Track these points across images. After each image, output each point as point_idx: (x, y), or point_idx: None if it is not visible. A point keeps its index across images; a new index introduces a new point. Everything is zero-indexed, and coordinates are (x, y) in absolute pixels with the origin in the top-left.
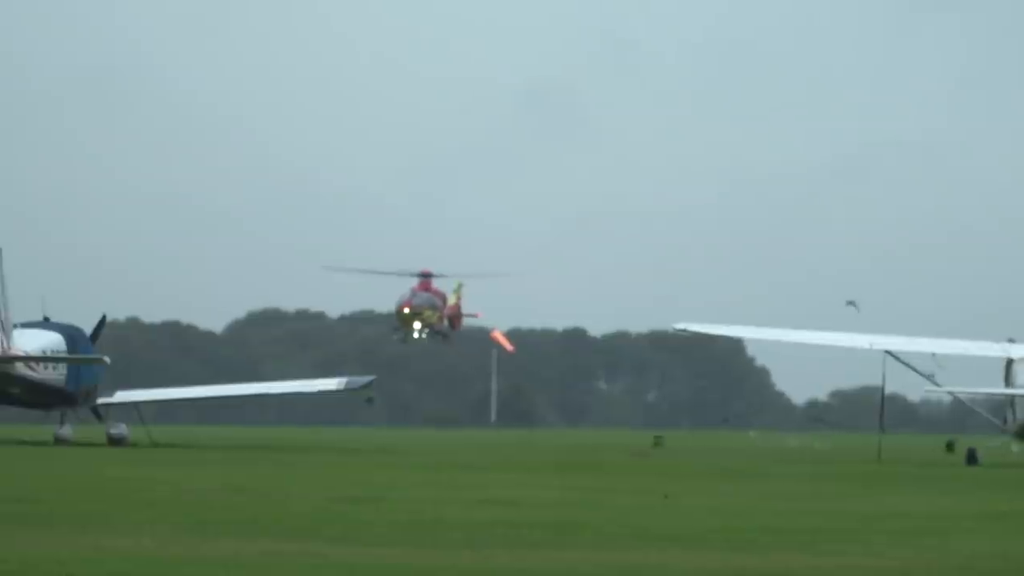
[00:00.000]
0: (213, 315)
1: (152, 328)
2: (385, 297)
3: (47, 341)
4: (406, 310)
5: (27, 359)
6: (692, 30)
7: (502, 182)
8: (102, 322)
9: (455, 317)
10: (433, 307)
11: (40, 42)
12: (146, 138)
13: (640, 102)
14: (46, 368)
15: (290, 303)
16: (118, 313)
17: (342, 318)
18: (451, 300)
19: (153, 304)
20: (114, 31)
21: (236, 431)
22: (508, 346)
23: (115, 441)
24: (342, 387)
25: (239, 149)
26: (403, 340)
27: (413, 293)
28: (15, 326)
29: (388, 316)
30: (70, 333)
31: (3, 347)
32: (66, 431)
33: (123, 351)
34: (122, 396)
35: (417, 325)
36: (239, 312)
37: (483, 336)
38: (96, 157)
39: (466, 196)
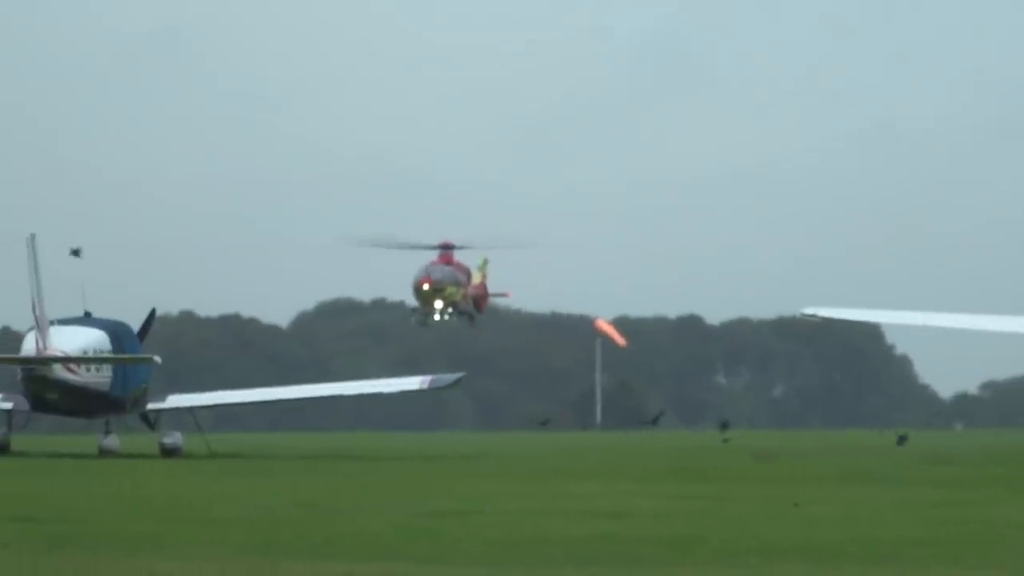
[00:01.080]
0: (277, 307)
1: (208, 323)
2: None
3: (89, 339)
4: (425, 286)
5: (66, 360)
6: None
7: (604, 146)
8: (151, 317)
9: (481, 297)
10: (456, 283)
11: (81, 19)
12: (201, 116)
13: (766, 53)
14: (88, 370)
15: (365, 292)
16: (170, 306)
17: None
18: (476, 277)
19: (209, 296)
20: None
21: (305, 438)
22: (619, 338)
23: (168, 452)
24: (425, 387)
25: (303, 125)
26: (422, 322)
27: (433, 267)
28: (52, 323)
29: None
30: (115, 330)
31: (39, 347)
32: (112, 441)
33: (176, 349)
34: (175, 401)
35: (439, 304)
36: (307, 303)
37: (585, 326)
38: (142, 135)
39: (570, 164)
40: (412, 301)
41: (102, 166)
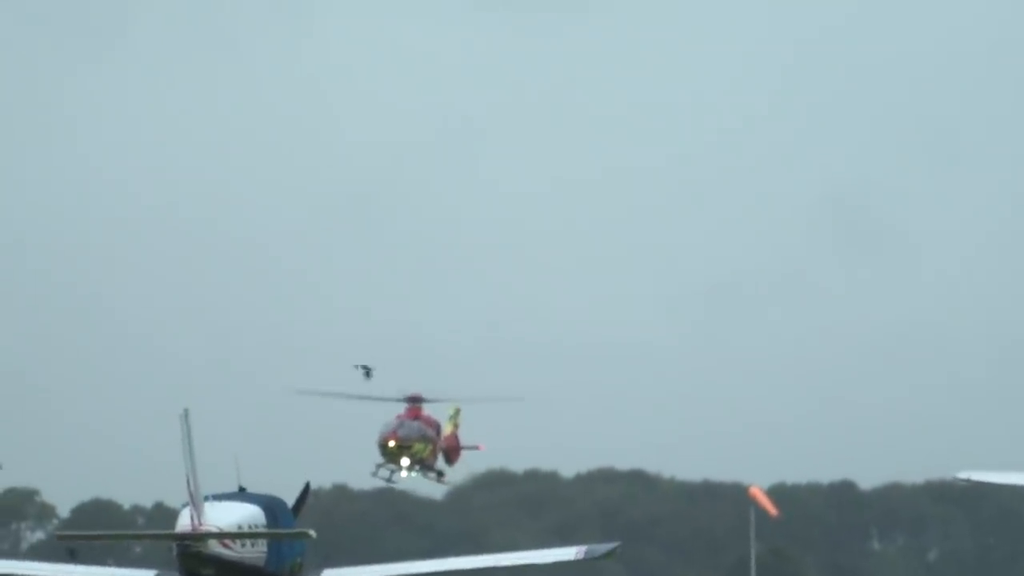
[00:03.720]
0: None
1: (362, 496)
2: (617, 450)
3: (244, 514)
4: (391, 443)
5: (221, 536)
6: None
7: (761, 308)
8: (306, 491)
9: (452, 449)
10: (424, 439)
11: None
12: (366, 269)
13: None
14: (243, 545)
15: (519, 463)
16: (323, 480)
17: (578, 477)
18: (447, 429)
19: (362, 468)
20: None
21: None
22: (771, 508)
23: None
24: (581, 556)
25: (467, 288)
26: (388, 480)
27: (399, 422)
28: (206, 498)
29: (629, 474)
30: (269, 504)
31: (194, 523)
32: None
33: (330, 523)
34: (331, 575)
35: (405, 461)
36: (461, 475)
37: (739, 494)
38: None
39: (727, 327)
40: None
41: (259, 333)
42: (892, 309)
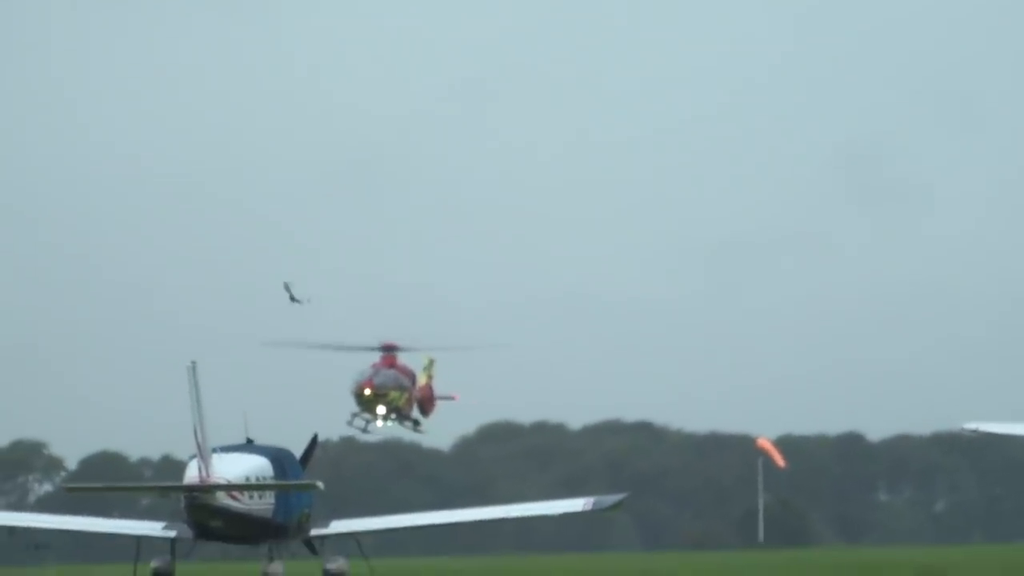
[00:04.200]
0: (439, 431)
1: (369, 448)
2: (625, 403)
3: (251, 466)
4: (367, 391)
5: (229, 487)
6: None
7: (783, 266)
8: (313, 442)
9: (427, 400)
10: (400, 387)
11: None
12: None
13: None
14: (251, 497)
15: (525, 415)
16: (331, 432)
17: (585, 429)
18: (421, 380)
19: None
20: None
21: (469, 561)
22: (779, 459)
23: None
24: (588, 508)
25: (487, 243)
26: (364, 429)
27: (375, 371)
28: (214, 450)
29: (636, 426)
30: (277, 456)
31: (202, 475)
32: (276, 568)
33: (338, 475)
34: (338, 526)
35: (381, 410)
36: (468, 427)
37: (746, 446)
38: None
39: (748, 283)
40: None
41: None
42: (902, 264)
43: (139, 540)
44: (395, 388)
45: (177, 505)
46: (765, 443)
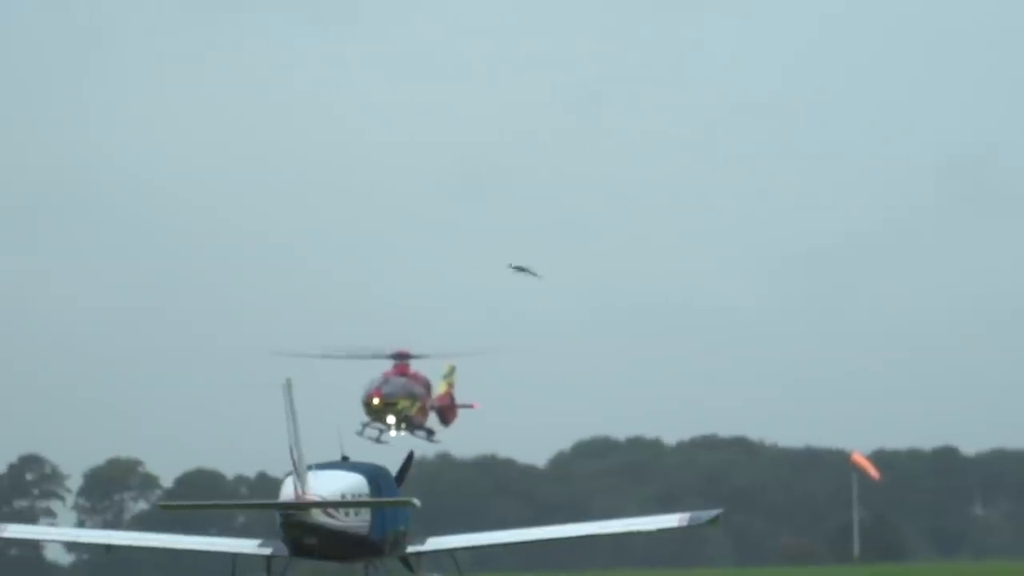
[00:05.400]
0: (534, 447)
1: (465, 465)
2: (720, 418)
3: (347, 483)
4: (375, 401)
5: (325, 505)
6: None
7: (878, 277)
8: (409, 460)
9: (447, 408)
10: (411, 396)
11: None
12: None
13: None
14: (347, 514)
15: (621, 431)
16: (426, 449)
17: (680, 445)
18: (441, 388)
19: (465, 437)
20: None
21: None
22: (873, 471)
23: None
24: (684, 524)
25: (586, 255)
26: (377, 439)
27: (384, 379)
28: (309, 467)
29: (732, 441)
30: (373, 474)
31: (297, 492)
32: None
33: (433, 491)
34: (434, 543)
35: (391, 419)
36: (564, 443)
37: (841, 460)
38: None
39: (838, 296)
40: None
41: (356, 301)
42: (999, 276)
43: (235, 558)
44: (405, 397)
45: (273, 523)
46: (859, 458)
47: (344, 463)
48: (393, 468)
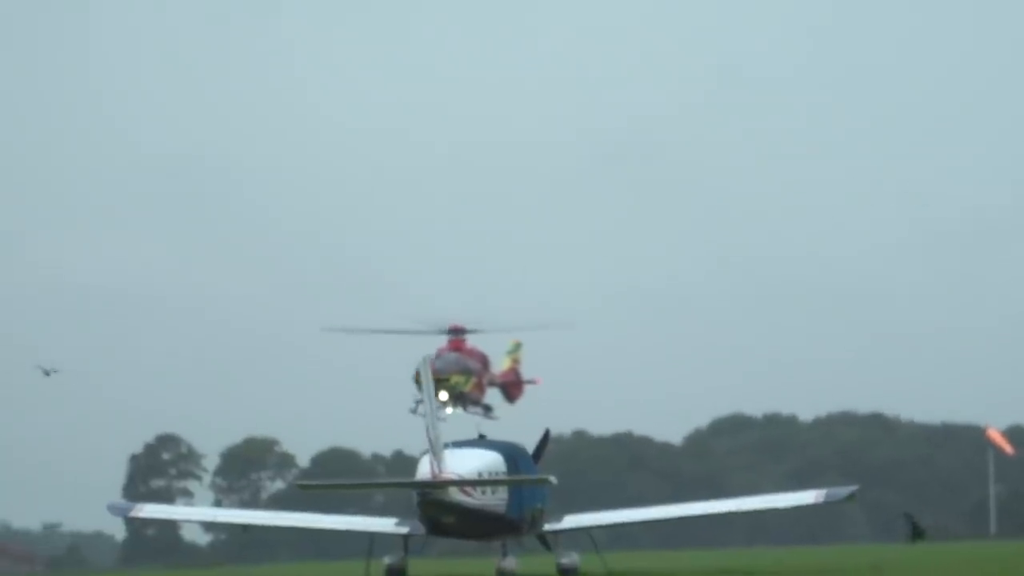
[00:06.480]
0: (670, 424)
1: (601, 442)
2: (856, 394)
3: (484, 462)
4: None
5: (462, 483)
6: None
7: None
8: (546, 437)
9: (511, 384)
10: (464, 371)
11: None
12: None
13: None
14: (484, 492)
15: (756, 407)
16: (563, 426)
17: (817, 421)
18: (505, 364)
19: (601, 414)
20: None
21: (701, 555)
22: (1007, 447)
23: (566, 572)
24: (820, 500)
25: (718, 236)
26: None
27: (437, 354)
28: (446, 445)
29: (868, 417)
30: (509, 451)
31: (434, 470)
32: (510, 563)
33: (570, 469)
34: (571, 521)
35: (443, 395)
36: (701, 419)
37: (977, 436)
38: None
39: (977, 271)
40: None
41: (514, 275)
42: None
43: (372, 536)
44: (458, 372)
45: (410, 501)
46: (994, 433)
47: (481, 441)
48: (530, 446)
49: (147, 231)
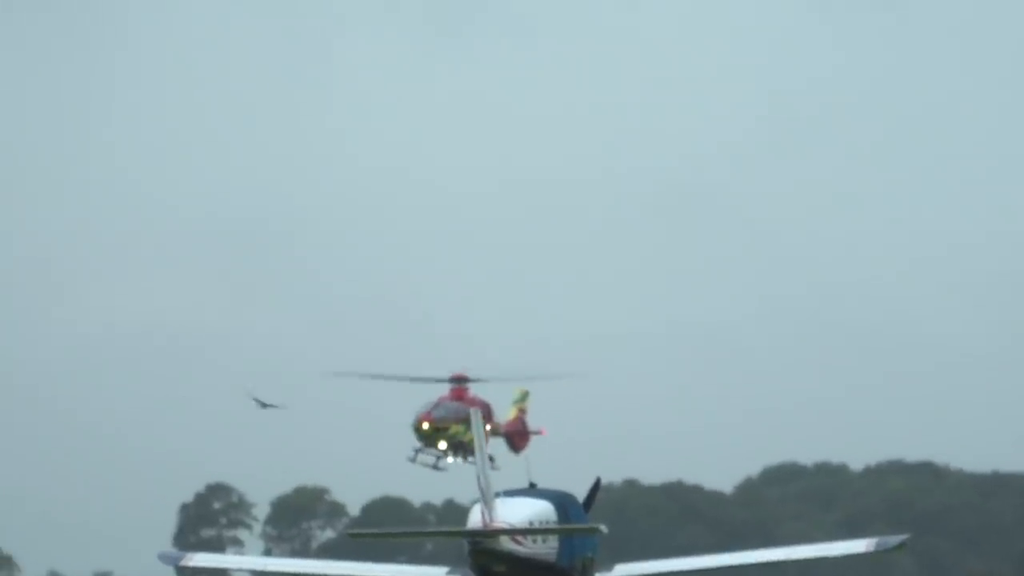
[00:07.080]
0: (721, 473)
1: (652, 490)
2: (906, 443)
3: (535, 510)
4: (425, 425)
5: (513, 532)
6: None
7: None
8: (596, 486)
9: (516, 434)
10: (464, 421)
11: None
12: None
13: None
14: (535, 541)
15: (808, 456)
16: (613, 475)
17: (867, 470)
18: (511, 413)
19: (652, 463)
20: None
21: None
22: None
23: None
24: (871, 549)
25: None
26: (433, 466)
27: (436, 403)
28: (497, 494)
29: (918, 466)
30: (560, 500)
31: (485, 519)
32: None
33: (621, 517)
34: (622, 570)
35: (442, 444)
36: (752, 468)
37: None
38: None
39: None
40: None
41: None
42: None
43: None
44: (458, 421)
45: (461, 550)
46: None
47: (532, 490)
48: (581, 495)
49: (200, 277)
